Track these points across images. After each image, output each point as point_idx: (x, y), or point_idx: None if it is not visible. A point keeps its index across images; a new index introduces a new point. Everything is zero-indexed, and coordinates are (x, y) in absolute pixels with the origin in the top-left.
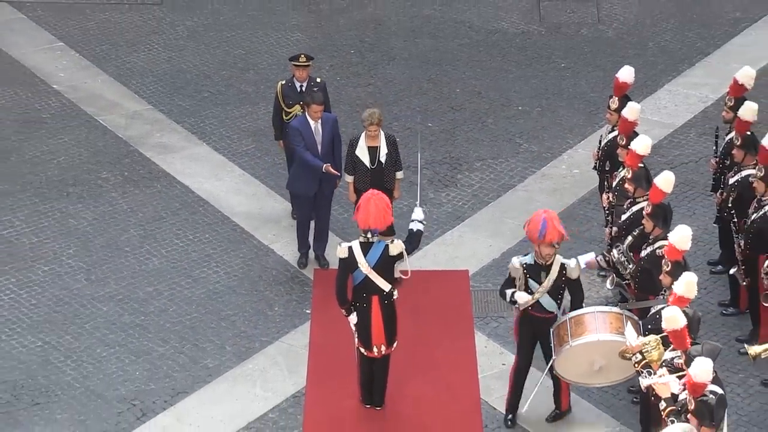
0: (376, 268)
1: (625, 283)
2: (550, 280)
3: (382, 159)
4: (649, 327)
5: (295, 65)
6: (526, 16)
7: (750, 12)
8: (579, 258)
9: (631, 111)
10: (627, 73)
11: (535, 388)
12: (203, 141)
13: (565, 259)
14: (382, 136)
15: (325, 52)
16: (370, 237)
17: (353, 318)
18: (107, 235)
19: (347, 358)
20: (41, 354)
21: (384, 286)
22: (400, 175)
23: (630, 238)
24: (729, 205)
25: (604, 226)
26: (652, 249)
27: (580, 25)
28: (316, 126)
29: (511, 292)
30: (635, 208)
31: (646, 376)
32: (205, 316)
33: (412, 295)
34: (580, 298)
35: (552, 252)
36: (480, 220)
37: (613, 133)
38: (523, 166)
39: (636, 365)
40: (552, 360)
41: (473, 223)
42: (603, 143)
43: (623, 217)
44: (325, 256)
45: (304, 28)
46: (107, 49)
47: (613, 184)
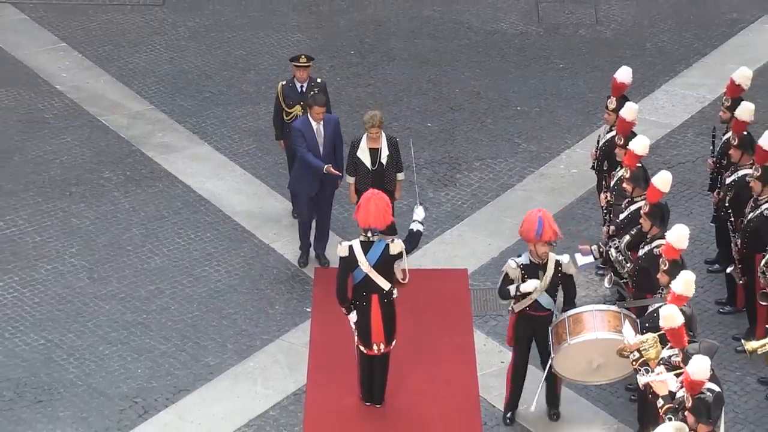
0: (377, 267)
1: (623, 282)
2: (547, 278)
3: (383, 161)
4: (646, 325)
5: (295, 66)
6: (524, 17)
7: (747, 13)
8: (576, 256)
9: (629, 111)
10: (625, 74)
11: (539, 387)
12: (205, 141)
13: (557, 255)
14: (384, 138)
15: (326, 52)
16: (370, 236)
17: (353, 316)
18: (109, 234)
19: (347, 356)
20: (44, 352)
21: (384, 284)
22: (401, 176)
23: (628, 237)
24: (726, 205)
25: (602, 225)
26: (649, 248)
27: (578, 26)
28: (318, 127)
29: (515, 286)
30: (633, 208)
31: (644, 374)
32: (207, 314)
33: (412, 294)
34: (574, 293)
35: (548, 250)
36: (479, 219)
37: (611, 133)
38: (521, 165)
39: (634, 363)
40: (551, 359)
41: (472, 222)
42: (601, 143)
43: (621, 216)
44: (326, 255)
45: (304, 29)
46: (110, 50)
47: (611, 184)
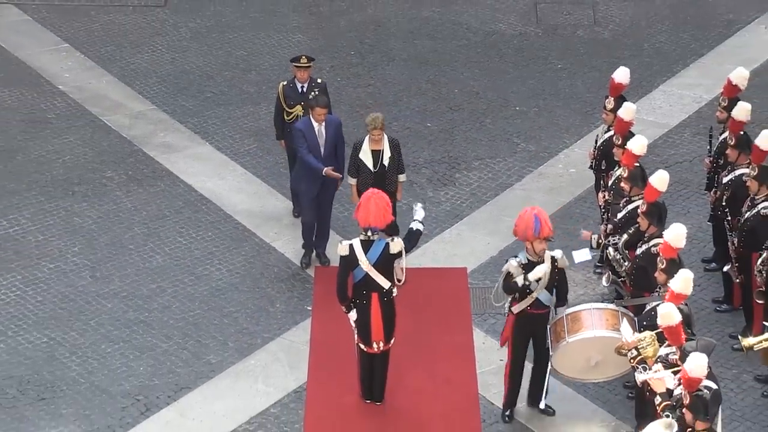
0: (377, 266)
1: (621, 281)
2: (546, 275)
3: (385, 162)
4: (644, 323)
5: (296, 66)
6: (523, 18)
7: (743, 14)
8: (573, 253)
9: (627, 111)
10: (622, 74)
11: (545, 384)
12: (206, 141)
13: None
14: (386, 139)
15: (326, 53)
16: (370, 235)
17: (353, 315)
18: (112, 233)
19: (347, 354)
20: (47, 350)
21: (384, 283)
22: (402, 177)
23: (625, 236)
24: (723, 204)
25: (600, 224)
26: (647, 247)
27: (576, 26)
28: (319, 128)
29: (522, 276)
30: (631, 207)
31: (642, 372)
32: (208, 312)
33: (412, 292)
34: (566, 289)
35: (545, 247)
36: (478, 218)
37: (609, 133)
38: (520, 165)
39: (632, 361)
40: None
41: (471, 221)
42: (599, 143)
43: (619, 215)
44: (326, 254)
45: (305, 29)
46: (112, 51)
47: (609, 183)
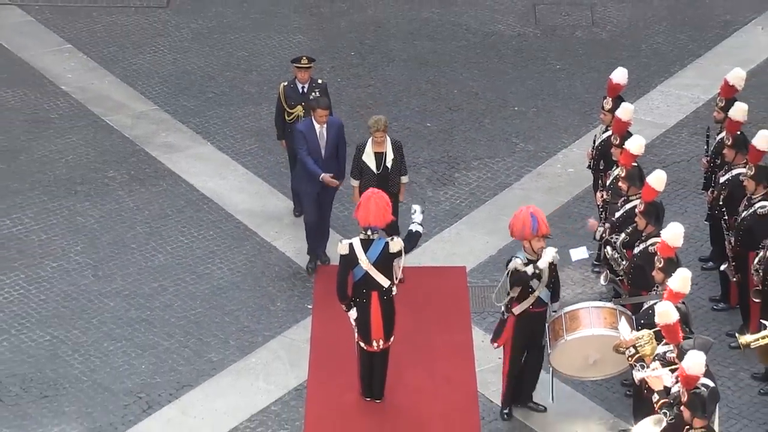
0: (376, 265)
1: (619, 279)
2: (545, 273)
3: (388, 164)
4: (642, 322)
5: (297, 67)
6: (522, 19)
7: (740, 15)
8: (570, 251)
9: (625, 111)
10: (620, 75)
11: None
12: (207, 140)
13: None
14: (388, 141)
15: (326, 54)
16: (370, 234)
17: (353, 313)
18: (114, 233)
19: (348, 352)
20: (50, 348)
21: (383, 282)
22: (405, 179)
23: (623, 236)
24: (720, 203)
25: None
26: (644, 246)
27: (574, 27)
28: (321, 130)
29: (531, 266)
30: (628, 206)
31: (640, 370)
32: (210, 311)
33: (411, 291)
34: (559, 285)
35: (544, 245)
36: (477, 217)
37: (607, 133)
38: (519, 165)
39: (629, 359)
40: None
41: (471, 220)
42: (597, 143)
43: (617, 214)
44: (326, 253)
45: (305, 30)
46: (114, 51)
47: (607, 183)
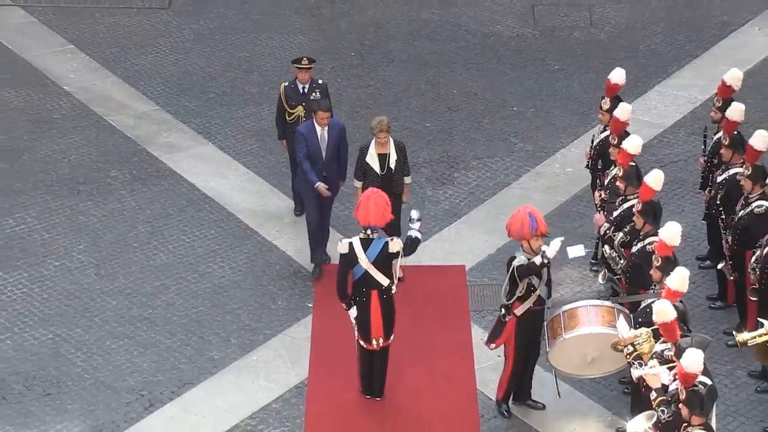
0: (376, 264)
1: (617, 278)
2: (544, 271)
3: (392, 165)
4: (639, 320)
5: (297, 68)
6: (520, 20)
7: (737, 16)
8: (568, 249)
9: (623, 111)
10: (618, 75)
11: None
12: (209, 140)
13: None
14: (391, 142)
15: (327, 54)
16: (370, 233)
17: (353, 312)
18: (116, 232)
19: (348, 351)
20: (52, 346)
21: (383, 281)
22: (408, 179)
23: (621, 235)
24: (717, 203)
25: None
26: (642, 245)
27: (573, 28)
28: (322, 132)
29: (539, 256)
30: (626, 205)
31: (638, 368)
32: (211, 309)
33: (411, 290)
34: (551, 281)
35: (542, 243)
36: (476, 217)
37: (605, 133)
38: (518, 164)
39: (628, 357)
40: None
41: (470, 219)
42: (595, 142)
43: (615, 213)
44: (326, 252)
45: (306, 31)
46: (116, 52)
47: (606, 182)
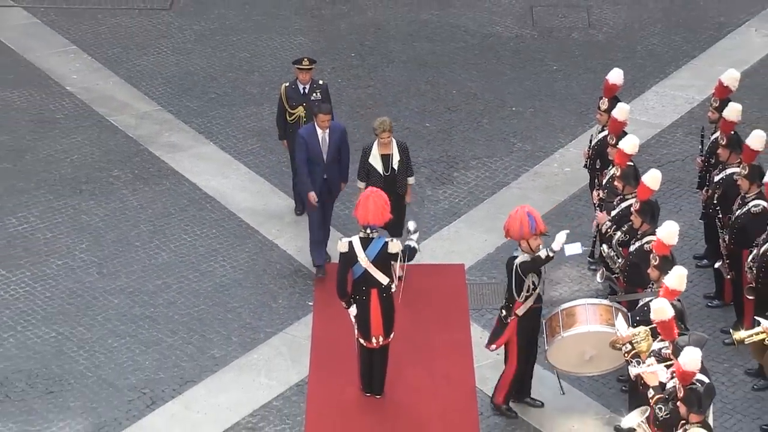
0: (375, 263)
1: (615, 277)
2: (543, 270)
3: (395, 166)
4: (637, 318)
5: (298, 68)
6: (519, 21)
7: (734, 17)
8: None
9: (621, 111)
10: (616, 76)
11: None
12: (210, 140)
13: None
14: (394, 143)
15: (327, 55)
16: (369, 232)
17: (353, 310)
18: (118, 231)
19: (348, 349)
20: (55, 344)
21: (382, 279)
22: (411, 180)
23: (619, 234)
24: (714, 202)
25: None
26: (640, 244)
27: (571, 29)
28: (323, 135)
29: (545, 250)
30: (624, 205)
31: (636, 366)
32: (212, 308)
33: (411, 288)
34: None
35: (541, 243)
36: (476, 216)
37: (603, 133)
38: (516, 164)
39: (626, 355)
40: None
41: (469, 219)
42: (593, 142)
43: (612, 213)
44: (327, 251)
45: (306, 32)
46: (118, 53)
47: (603, 182)
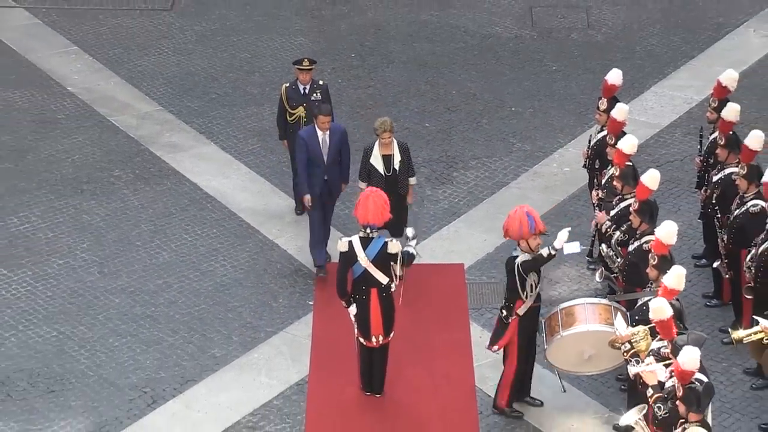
0: (375, 262)
1: (614, 276)
2: (542, 268)
3: (396, 166)
4: (636, 318)
5: (298, 69)
6: (518, 22)
7: (732, 17)
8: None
9: (620, 112)
10: (615, 76)
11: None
12: (211, 140)
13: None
14: (395, 144)
15: (327, 55)
16: (369, 232)
17: (353, 309)
18: (119, 231)
19: (348, 348)
20: (56, 344)
21: (382, 279)
22: (413, 181)
23: (618, 233)
24: (713, 202)
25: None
26: (639, 243)
27: (570, 30)
28: (323, 137)
29: (547, 248)
30: (623, 205)
31: (634, 365)
32: (213, 307)
33: (411, 288)
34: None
35: (540, 242)
36: (475, 216)
37: (602, 133)
38: (516, 164)
39: (625, 354)
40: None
41: (468, 218)
42: (592, 142)
43: (611, 212)
44: (327, 251)
45: (307, 32)
46: (119, 53)
47: (603, 181)
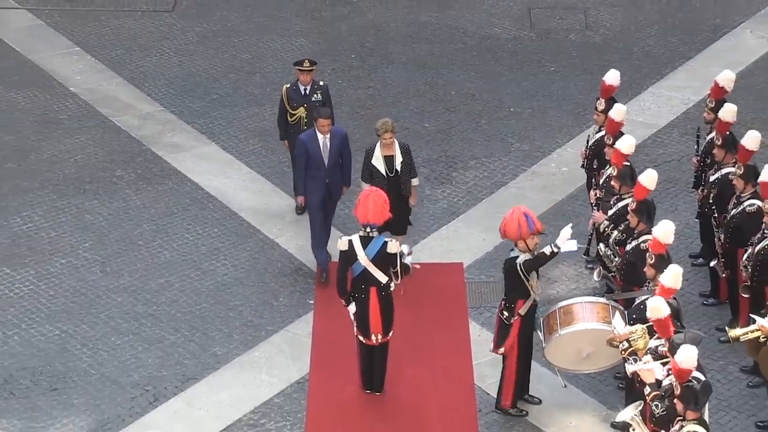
0: (375, 261)
1: (612, 275)
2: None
3: (398, 167)
4: (634, 316)
5: (299, 70)
6: (517, 23)
7: (729, 18)
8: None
9: (618, 112)
10: (613, 77)
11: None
12: (212, 140)
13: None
14: (397, 144)
15: (328, 56)
16: (369, 231)
17: (352, 308)
18: (121, 230)
19: (348, 346)
20: (59, 342)
21: (381, 278)
22: (415, 182)
23: (616, 233)
24: (710, 202)
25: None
26: (636, 243)
27: (568, 31)
28: (324, 140)
29: (549, 246)
30: (621, 204)
31: (632, 363)
32: (214, 306)
33: (410, 287)
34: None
35: (539, 242)
36: (474, 215)
37: (600, 133)
38: (514, 164)
39: (623, 352)
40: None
41: (468, 218)
42: (590, 142)
43: (609, 212)
44: (327, 250)
45: (307, 33)
46: (121, 54)
47: (600, 181)
